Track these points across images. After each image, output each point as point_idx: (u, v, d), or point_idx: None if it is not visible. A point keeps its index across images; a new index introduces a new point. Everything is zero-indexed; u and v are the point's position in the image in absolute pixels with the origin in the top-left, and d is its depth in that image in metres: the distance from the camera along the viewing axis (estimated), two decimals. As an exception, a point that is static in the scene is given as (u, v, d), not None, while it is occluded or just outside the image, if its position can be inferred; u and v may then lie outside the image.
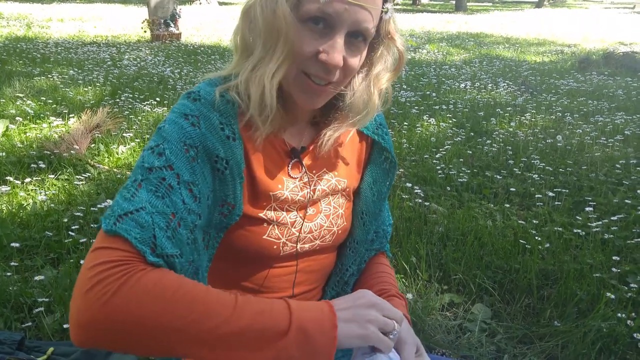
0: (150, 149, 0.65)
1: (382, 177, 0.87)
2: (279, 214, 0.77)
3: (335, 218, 0.84)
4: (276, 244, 0.78)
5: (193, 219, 0.64)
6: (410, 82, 5.21)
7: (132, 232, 0.57)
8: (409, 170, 2.84)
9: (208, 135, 0.68)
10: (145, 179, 0.61)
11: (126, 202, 0.60)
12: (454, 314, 1.76)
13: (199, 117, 0.68)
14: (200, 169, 0.66)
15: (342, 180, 0.84)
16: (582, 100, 4.51)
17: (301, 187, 0.79)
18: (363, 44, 0.69)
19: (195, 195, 0.65)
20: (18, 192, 2.36)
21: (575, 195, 2.55)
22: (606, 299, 1.68)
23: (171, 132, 0.66)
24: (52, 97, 4.00)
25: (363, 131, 0.84)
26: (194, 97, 0.70)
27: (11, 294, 1.63)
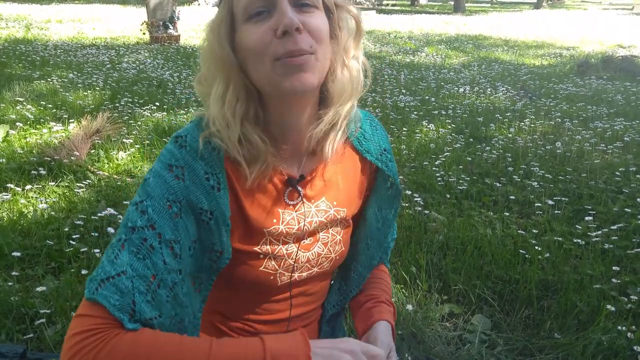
0: (135, 204, 0.67)
1: (387, 205, 0.85)
2: (274, 246, 0.77)
3: (333, 245, 0.82)
4: (272, 275, 0.78)
5: (173, 278, 0.66)
6: (409, 87, 5.22)
7: (111, 299, 0.60)
8: (408, 177, 2.85)
9: (192, 188, 0.68)
10: (128, 239, 0.64)
11: (109, 265, 0.62)
12: (454, 324, 1.77)
13: (183, 168, 0.68)
14: (184, 223, 0.68)
15: (341, 210, 0.81)
16: (581, 106, 4.53)
17: (298, 219, 0.78)
18: (314, 8, 0.67)
19: (177, 253, 0.66)
20: (19, 200, 2.36)
21: (575, 204, 2.56)
22: (606, 311, 1.69)
23: (155, 187, 0.67)
24: (52, 101, 4.00)
25: (366, 157, 0.82)
26: (181, 142, 0.70)
27: (12, 304, 1.64)
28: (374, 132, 0.84)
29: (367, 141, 0.82)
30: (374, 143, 0.83)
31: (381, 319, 0.83)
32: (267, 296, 0.81)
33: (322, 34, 0.67)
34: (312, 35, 0.66)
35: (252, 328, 0.83)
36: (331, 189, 0.80)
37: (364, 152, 0.81)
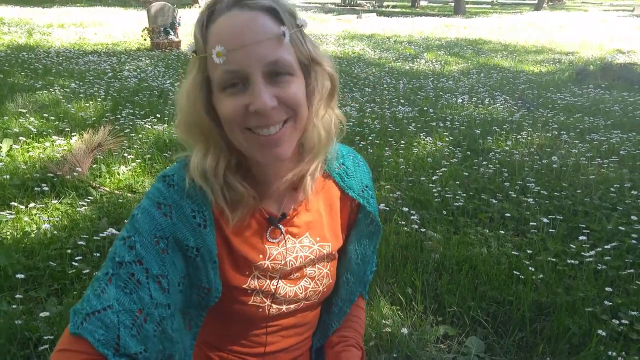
0: (122, 239, 0.68)
1: (367, 240, 0.88)
2: (262, 282, 0.80)
3: (320, 279, 0.85)
4: (262, 308, 0.81)
5: (161, 312, 0.66)
6: (407, 96, 5.25)
7: (96, 334, 0.60)
8: (406, 193, 2.89)
9: (179, 225, 0.70)
10: (115, 273, 0.65)
11: (95, 299, 0.63)
12: (448, 346, 1.80)
13: (171, 207, 0.71)
14: (171, 259, 0.69)
15: (325, 245, 0.84)
16: (578, 117, 4.56)
17: (284, 254, 0.80)
18: (289, 76, 0.67)
19: (164, 288, 0.67)
20: (22, 218, 2.39)
21: (569, 221, 2.59)
22: (598, 337, 1.72)
23: (143, 223, 0.69)
24: (55, 112, 4.04)
25: (348, 193, 0.84)
26: (169, 182, 0.73)
27: (17, 328, 1.67)
28: (356, 168, 0.86)
29: (350, 178, 0.84)
30: (356, 180, 0.85)
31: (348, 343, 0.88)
32: (257, 328, 0.84)
33: (298, 100, 0.68)
34: (288, 106, 0.67)
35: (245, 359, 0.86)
36: (314, 224, 0.82)
37: (346, 189, 0.83)
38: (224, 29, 0.66)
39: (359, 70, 6.73)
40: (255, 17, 0.65)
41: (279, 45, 0.66)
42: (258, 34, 0.65)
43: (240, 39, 0.64)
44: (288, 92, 0.67)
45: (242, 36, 0.64)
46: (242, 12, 0.65)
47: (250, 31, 0.65)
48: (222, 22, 0.66)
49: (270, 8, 0.67)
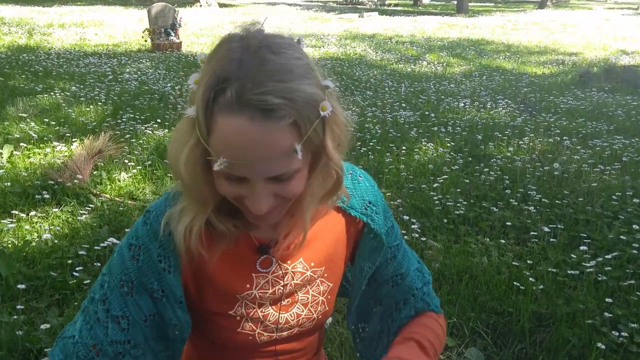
0: (102, 274, 0.76)
1: (367, 254, 0.83)
2: (250, 309, 0.78)
3: (314, 306, 0.82)
4: (251, 335, 0.80)
5: (115, 348, 0.73)
6: (409, 100, 5.24)
7: (56, 358, 0.73)
8: (406, 200, 2.88)
9: (144, 269, 0.72)
10: (86, 307, 0.75)
11: (70, 326, 0.75)
12: (448, 357, 1.80)
13: (140, 248, 0.72)
14: (135, 301, 0.73)
15: (318, 270, 0.80)
16: (581, 122, 4.55)
17: (272, 282, 0.77)
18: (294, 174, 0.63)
19: (123, 327, 0.73)
20: (23, 226, 2.40)
21: (571, 230, 2.59)
22: (597, 350, 1.72)
23: (115, 264, 0.74)
24: (55, 117, 4.05)
25: (350, 213, 0.80)
26: (146, 219, 0.73)
27: (18, 339, 1.68)
28: (357, 186, 0.81)
29: (350, 197, 0.80)
30: (357, 197, 0.80)
31: None
32: (250, 354, 0.83)
33: (297, 193, 0.65)
34: (282, 198, 0.65)
35: None
36: (309, 249, 0.78)
37: (348, 209, 0.80)
38: (229, 138, 0.58)
39: (360, 72, 6.72)
40: (267, 133, 0.57)
41: (288, 160, 0.60)
42: (268, 153, 0.58)
43: (246, 156, 0.58)
44: (288, 189, 0.64)
45: (248, 153, 0.58)
46: (253, 124, 0.56)
47: (259, 149, 0.58)
48: (227, 127, 0.57)
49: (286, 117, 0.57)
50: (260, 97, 0.56)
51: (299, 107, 0.57)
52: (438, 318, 0.89)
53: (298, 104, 0.57)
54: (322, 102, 0.60)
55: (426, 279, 0.90)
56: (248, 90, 0.56)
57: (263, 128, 0.56)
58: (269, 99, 0.56)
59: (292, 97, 0.57)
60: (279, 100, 0.56)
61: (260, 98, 0.56)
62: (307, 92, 0.58)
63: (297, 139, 0.59)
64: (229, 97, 0.56)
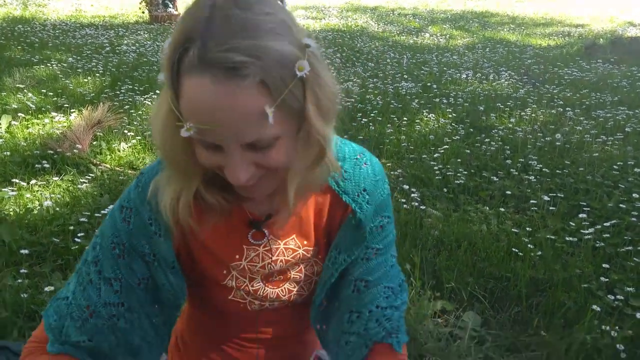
0: (94, 237, 0.76)
1: (345, 244, 0.76)
2: (241, 282, 0.77)
3: (307, 285, 0.81)
4: (242, 303, 0.80)
5: (110, 310, 0.72)
6: (411, 71, 5.18)
7: (50, 319, 0.73)
8: (407, 170, 2.88)
9: (135, 232, 0.71)
10: (79, 269, 0.75)
11: (65, 288, 0.75)
12: (445, 321, 1.83)
13: (132, 211, 0.71)
14: (126, 263, 0.72)
15: (311, 250, 0.78)
16: (585, 93, 4.49)
17: (263, 255, 0.76)
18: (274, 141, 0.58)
19: (116, 289, 0.72)
20: (24, 194, 2.41)
21: (570, 199, 2.59)
22: (592, 312, 1.75)
23: (107, 227, 0.73)
24: (53, 88, 4.01)
25: (342, 197, 0.75)
26: (138, 182, 0.72)
27: (23, 301, 1.71)
28: (357, 171, 0.76)
29: (346, 181, 0.75)
30: (353, 183, 0.75)
31: None
32: (243, 320, 0.84)
33: (280, 164, 0.60)
34: (266, 167, 0.60)
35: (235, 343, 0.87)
36: (302, 227, 0.76)
37: (340, 193, 0.75)
38: (194, 101, 0.54)
39: (361, 44, 6.61)
40: (232, 94, 0.52)
41: (259, 125, 0.55)
42: (235, 116, 0.54)
43: (212, 119, 0.54)
44: (269, 159, 0.59)
45: (215, 116, 0.54)
46: (216, 85, 0.52)
47: (225, 112, 0.53)
48: (192, 88, 0.54)
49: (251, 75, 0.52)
50: (222, 55, 0.52)
51: (267, 65, 0.52)
52: None
53: (265, 61, 0.52)
54: (299, 61, 0.55)
55: (396, 304, 0.79)
56: (210, 48, 0.52)
57: (227, 88, 0.52)
58: (231, 57, 0.51)
59: (258, 55, 0.52)
60: (243, 58, 0.51)
61: (223, 56, 0.52)
62: (277, 49, 0.53)
63: (268, 101, 0.54)
64: (191, 56, 0.53)
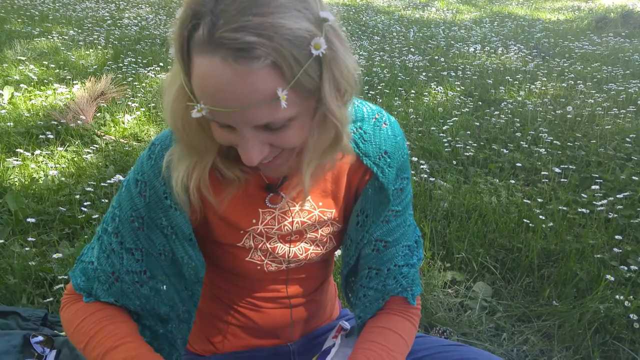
0: (112, 207, 0.75)
1: (371, 208, 0.76)
2: (258, 241, 0.77)
3: (323, 243, 0.80)
4: (260, 265, 0.79)
5: (133, 278, 0.74)
6: (418, 45, 5.08)
7: (77, 279, 0.76)
8: (415, 143, 2.84)
9: (152, 205, 0.70)
10: (101, 237, 0.75)
11: (89, 252, 0.77)
12: (456, 291, 1.82)
13: (146, 184, 0.70)
14: (146, 235, 0.72)
15: (327, 211, 0.77)
16: (596, 66, 4.40)
17: (279, 218, 0.75)
18: (288, 122, 0.56)
19: (138, 259, 0.73)
20: (29, 165, 2.39)
21: (582, 171, 2.55)
22: (605, 281, 1.73)
23: (124, 199, 0.73)
24: (54, 60, 3.95)
25: (363, 160, 0.73)
26: (151, 153, 0.70)
27: (31, 269, 1.70)
28: (377, 132, 0.74)
29: (366, 143, 0.73)
30: (373, 145, 0.73)
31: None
32: (260, 282, 0.83)
33: (295, 144, 0.59)
34: (280, 148, 0.59)
35: (253, 304, 0.86)
36: (318, 188, 0.75)
37: (361, 156, 0.73)
38: (204, 82, 0.52)
39: (367, 18, 6.48)
40: (242, 76, 0.50)
41: (271, 108, 0.53)
42: (246, 99, 0.52)
43: (223, 102, 0.52)
44: (283, 139, 0.57)
45: (225, 99, 0.52)
46: (226, 67, 0.50)
47: (235, 95, 0.51)
48: (201, 68, 0.52)
49: (262, 57, 0.49)
50: (232, 34, 0.49)
51: (279, 45, 0.49)
52: (409, 314, 0.81)
53: (277, 41, 0.49)
54: (315, 38, 0.51)
55: (412, 262, 0.82)
56: (220, 26, 0.49)
57: (237, 71, 0.50)
58: (241, 37, 0.49)
59: (270, 34, 0.49)
60: (253, 38, 0.49)
61: (232, 36, 0.49)
62: (291, 27, 0.50)
63: (280, 83, 0.51)
64: (200, 34, 0.50)
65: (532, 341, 1.55)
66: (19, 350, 1.20)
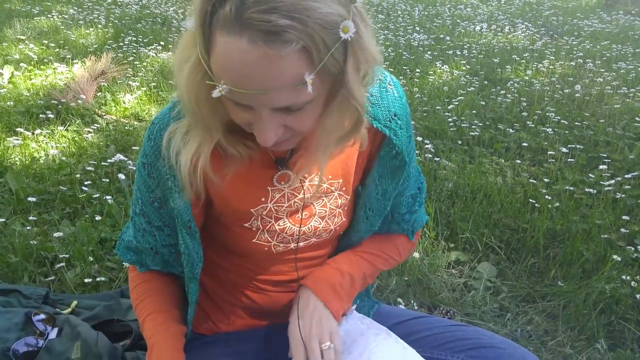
0: (135, 190, 0.77)
1: (389, 175, 0.76)
2: (266, 222, 0.75)
3: (331, 218, 0.79)
4: (267, 247, 0.77)
5: (169, 250, 0.79)
6: (423, 24, 4.98)
7: (127, 256, 0.83)
8: (420, 122, 2.79)
9: (161, 185, 0.72)
10: (132, 218, 0.79)
11: (127, 230, 0.84)
12: (460, 272, 1.80)
13: (151, 166, 0.70)
14: (168, 213, 0.74)
15: (335, 182, 0.76)
16: (605, 44, 4.31)
17: (289, 195, 0.73)
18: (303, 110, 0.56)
19: (168, 234, 0.77)
20: (29, 144, 2.37)
21: (590, 151, 2.51)
22: (612, 261, 1.71)
23: (140, 183, 0.74)
24: (54, 39, 3.90)
25: (372, 124, 0.71)
26: (150, 133, 0.69)
27: (33, 247, 1.69)
28: (384, 94, 0.72)
29: (374, 106, 0.71)
30: (382, 108, 0.71)
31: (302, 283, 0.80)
32: (269, 263, 0.81)
33: (308, 127, 0.59)
34: (292, 132, 0.59)
35: (259, 288, 0.84)
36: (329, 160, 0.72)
37: (371, 120, 0.71)
38: (228, 62, 0.50)
39: (371, -4, 6.35)
40: (271, 60, 0.49)
41: (296, 92, 0.52)
42: (272, 83, 0.50)
43: (247, 84, 0.51)
44: (299, 122, 0.57)
45: (250, 82, 0.51)
46: (254, 49, 0.48)
47: (261, 78, 0.50)
48: (226, 48, 0.50)
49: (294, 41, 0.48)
50: (263, 16, 0.47)
51: (311, 29, 0.48)
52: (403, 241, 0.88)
53: (309, 25, 0.48)
54: (344, 22, 0.49)
55: (414, 209, 0.84)
56: (250, 6, 0.47)
57: (265, 54, 0.48)
58: (273, 19, 0.47)
59: (303, 17, 0.47)
60: (286, 21, 0.47)
61: (263, 17, 0.47)
62: (323, 10, 0.48)
63: (307, 67, 0.50)
64: (227, 12, 0.48)
65: (537, 321, 1.53)
66: (21, 328, 1.19)
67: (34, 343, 1.13)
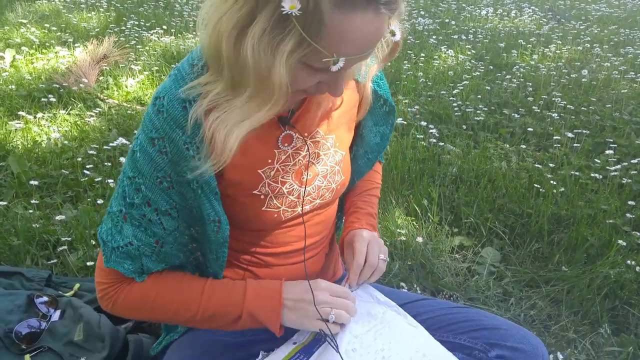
0: (128, 178, 0.71)
1: (383, 121, 0.88)
2: (274, 186, 0.77)
3: (332, 176, 0.82)
4: (276, 213, 0.79)
5: (175, 235, 0.75)
6: (428, 8, 4.90)
7: (124, 265, 0.73)
8: (424, 107, 2.76)
9: (175, 159, 0.68)
10: (128, 212, 0.71)
11: (117, 235, 0.72)
12: (463, 256, 1.80)
13: (164, 139, 0.67)
14: (177, 191, 0.71)
15: (329, 137, 0.81)
16: (613, 29, 4.23)
17: (293, 155, 0.77)
18: None
19: (174, 216, 0.73)
20: (31, 128, 2.36)
21: (596, 136, 2.48)
22: (617, 246, 1.69)
23: (143, 164, 0.69)
24: (56, 23, 3.86)
25: (357, 79, 0.79)
26: (159, 107, 0.67)
27: (35, 231, 1.70)
28: None
29: None
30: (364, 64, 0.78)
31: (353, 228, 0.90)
32: (275, 233, 0.82)
33: None
34: None
35: (263, 261, 0.85)
36: (325, 117, 0.79)
37: (356, 75, 0.78)
38: (353, 36, 0.55)
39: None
40: (384, 25, 0.57)
41: None
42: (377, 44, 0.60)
43: (365, 50, 0.57)
44: None
45: (368, 47, 0.58)
46: (377, 18, 0.55)
47: (377, 40, 0.58)
48: (351, 24, 0.54)
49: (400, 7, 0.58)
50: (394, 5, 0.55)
51: None
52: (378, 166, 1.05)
53: None
54: None
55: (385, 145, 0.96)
56: None
57: (383, 21, 0.56)
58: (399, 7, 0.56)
59: None
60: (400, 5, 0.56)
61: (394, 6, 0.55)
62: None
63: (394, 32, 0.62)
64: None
65: (540, 306, 1.53)
66: (23, 310, 1.19)
67: (36, 325, 1.13)
